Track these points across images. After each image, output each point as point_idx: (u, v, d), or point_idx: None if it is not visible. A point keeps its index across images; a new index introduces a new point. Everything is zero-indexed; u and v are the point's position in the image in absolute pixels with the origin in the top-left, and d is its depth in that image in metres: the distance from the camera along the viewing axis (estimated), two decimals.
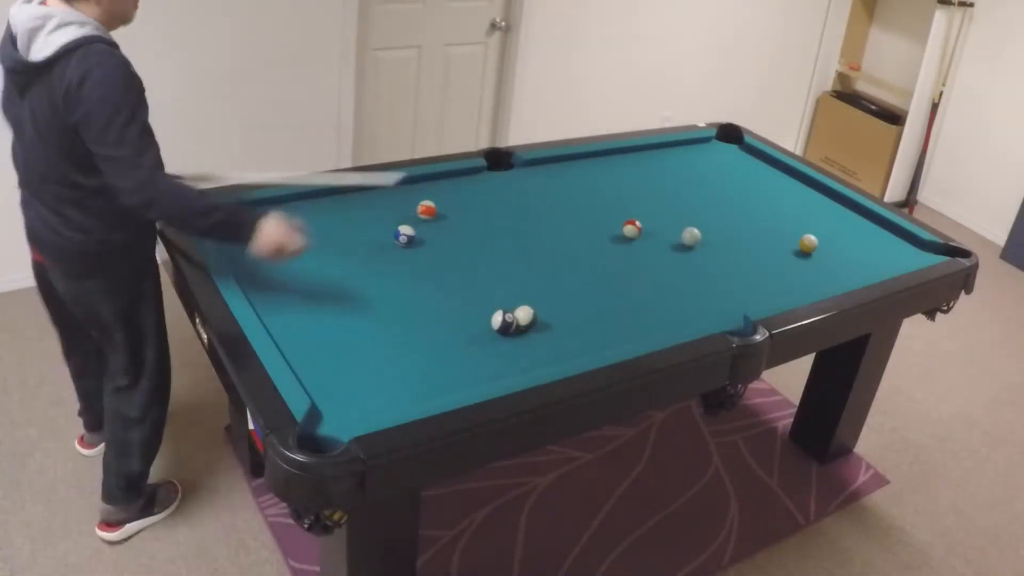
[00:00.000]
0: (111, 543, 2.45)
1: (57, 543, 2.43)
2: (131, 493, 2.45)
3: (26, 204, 2.15)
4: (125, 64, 1.91)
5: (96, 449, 2.70)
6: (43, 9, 1.89)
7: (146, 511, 2.50)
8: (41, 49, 1.86)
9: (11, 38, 1.93)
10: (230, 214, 2.01)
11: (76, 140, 1.92)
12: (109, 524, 2.46)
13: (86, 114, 1.86)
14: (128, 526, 2.47)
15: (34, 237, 2.16)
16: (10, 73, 1.96)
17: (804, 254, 2.57)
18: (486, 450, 1.81)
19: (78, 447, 2.73)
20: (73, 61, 1.85)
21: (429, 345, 1.98)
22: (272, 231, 2.02)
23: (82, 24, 1.89)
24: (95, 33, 1.89)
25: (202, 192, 2.03)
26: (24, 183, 2.11)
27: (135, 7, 2.03)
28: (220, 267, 2.12)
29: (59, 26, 1.87)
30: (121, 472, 2.40)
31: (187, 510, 2.57)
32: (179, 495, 2.61)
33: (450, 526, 2.61)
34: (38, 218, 2.10)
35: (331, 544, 1.99)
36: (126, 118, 1.87)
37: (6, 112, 2.08)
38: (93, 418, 2.69)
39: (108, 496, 2.44)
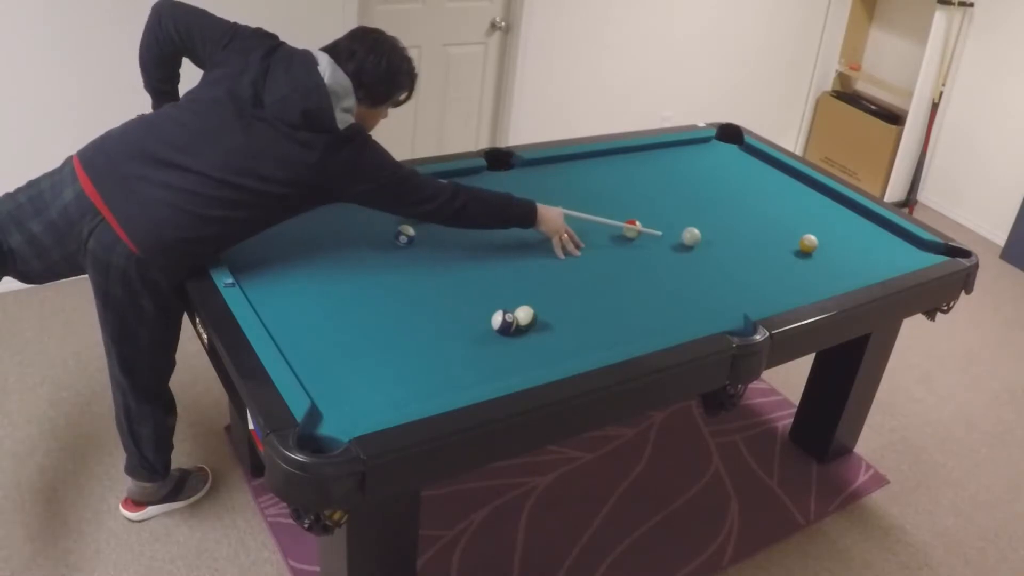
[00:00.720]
0: (131, 522, 2.49)
1: (57, 543, 2.43)
2: (153, 475, 2.46)
3: (137, 182, 2.00)
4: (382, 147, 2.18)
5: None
6: (347, 82, 2.09)
7: (171, 497, 2.54)
8: (342, 120, 2.06)
9: (306, 66, 2.06)
10: (517, 202, 2.36)
11: (300, 193, 2.07)
12: (134, 503, 2.50)
13: (374, 192, 2.14)
14: (150, 508, 2.52)
15: (126, 209, 2.01)
16: (283, 102, 2.02)
17: (804, 254, 2.57)
18: (486, 450, 1.81)
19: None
20: (356, 146, 2.08)
21: (429, 345, 1.98)
22: (557, 223, 2.40)
23: (354, 116, 2.12)
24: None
25: (488, 195, 2.31)
26: (157, 169, 2.01)
27: (374, 127, 2.25)
28: (219, 267, 2.12)
29: (348, 109, 2.09)
30: (136, 453, 2.41)
31: (187, 510, 2.57)
32: (209, 482, 2.64)
33: (450, 526, 2.61)
34: (153, 201, 1.99)
35: (331, 544, 1.99)
36: (410, 184, 2.17)
37: (209, 102, 2.06)
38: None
39: (130, 470, 2.45)
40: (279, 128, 2.03)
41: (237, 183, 2.01)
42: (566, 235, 2.42)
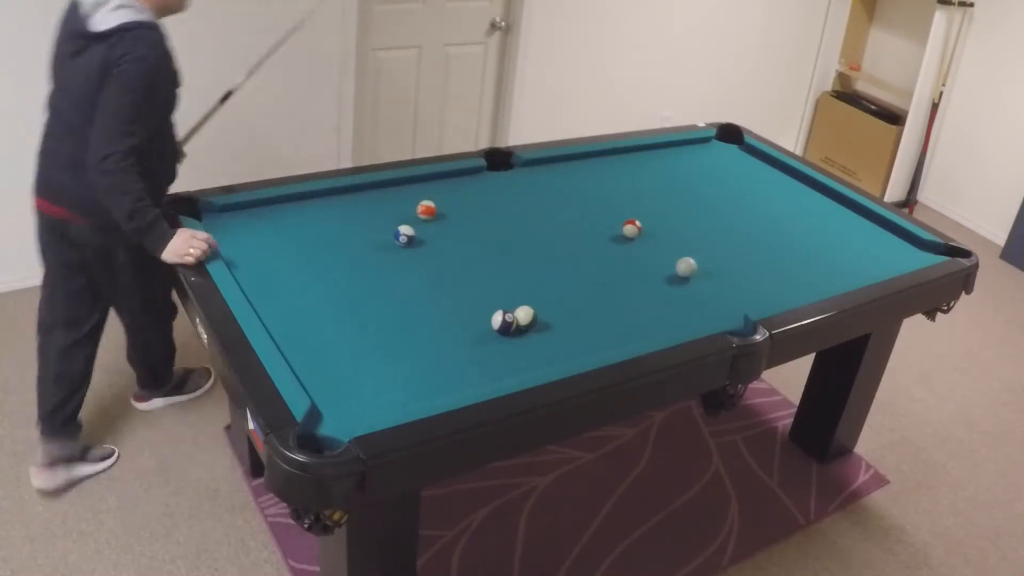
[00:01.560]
0: (141, 411, 2.89)
1: (57, 543, 2.43)
2: (161, 383, 2.88)
3: (51, 155, 2.31)
4: (166, 55, 2.21)
5: (151, 403, 2.92)
6: None
7: (175, 392, 2.93)
8: (102, 22, 2.13)
9: (76, 5, 2.21)
10: (154, 223, 2.18)
11: None
12: (140, 398, 2.91)
13: (111, 81, 2.12)
14: (156, 400, 2.91)
15: (56, 188, 2.32)
16: (71, 36, 2.20)
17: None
18: (486, 450, 1.81)
19: (133, 402, 2.93)
20: (127, 39, 2.12)
21: (429, 345, 1.98)
22: (176, 245, 2.16)
23: (139, 10, 2.17)
24: (148, 20, 2.18)
25: (143, 195, 2.18)
26: (56, 135, 2.30)
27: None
28: (220, 267, 2.12)
29: (120, 6, 2.14)
30: (146, 365, 2.83)
31: (187, 510, 2.57)
32: (211, 381, 2.99)
33: (450, 526, 2.61)
34: (63, 169, 2.28)
35: (331, 544, 1.99)
36: (136, 99, 2.13)
37: (55, 67, 2.28)
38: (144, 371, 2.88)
39: (140, 383, 2.89)
40: (87, 59, 2.17)
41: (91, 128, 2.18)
42: (192, 244, 2.14)
